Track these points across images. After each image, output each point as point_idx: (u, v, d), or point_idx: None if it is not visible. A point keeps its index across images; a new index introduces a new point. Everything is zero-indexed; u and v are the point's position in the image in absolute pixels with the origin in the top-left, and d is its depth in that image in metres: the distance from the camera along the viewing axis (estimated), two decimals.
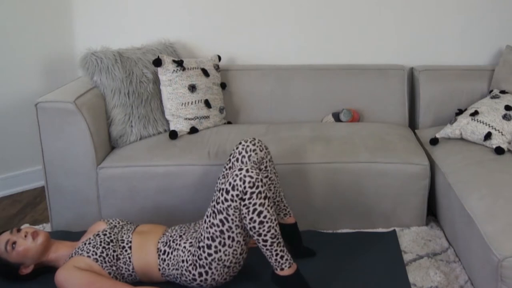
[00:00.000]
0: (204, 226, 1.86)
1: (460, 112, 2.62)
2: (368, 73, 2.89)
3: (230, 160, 2.09)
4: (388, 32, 2.97)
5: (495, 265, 1.68)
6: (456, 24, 2.93)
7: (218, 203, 1.80)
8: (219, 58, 2.86)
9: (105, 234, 2.00)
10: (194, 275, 1.90)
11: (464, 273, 2.05)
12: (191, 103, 2.62)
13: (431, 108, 2.81)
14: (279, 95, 2.88)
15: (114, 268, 1.92)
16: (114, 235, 2.01)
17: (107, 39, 2.99)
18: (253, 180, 1.75)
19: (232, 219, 1.79)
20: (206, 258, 1.86)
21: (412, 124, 2.95)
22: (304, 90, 2.88)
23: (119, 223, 2.12)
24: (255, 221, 1.77)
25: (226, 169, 2.09)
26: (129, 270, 1.95)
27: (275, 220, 1.79)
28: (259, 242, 1.81)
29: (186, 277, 1.92)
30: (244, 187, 1.74)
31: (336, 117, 2.82)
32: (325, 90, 2.88)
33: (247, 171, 1.76)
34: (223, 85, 2.86)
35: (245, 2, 2.95)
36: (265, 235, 1.78)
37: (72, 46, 3.05)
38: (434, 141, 2.50)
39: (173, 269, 1.93)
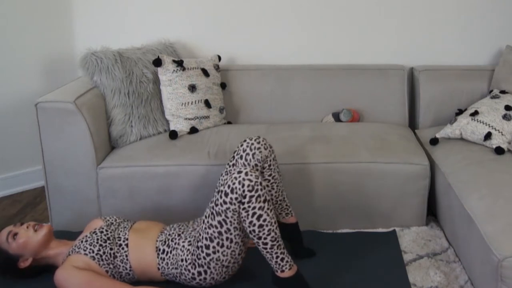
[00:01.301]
0: (202, 226, 1.86)
1: (460, 112, 2.62)
2: (368, 73, 2.89)
3: (234, 157, 2.08)
4: (388, 32, 2.97)
5: (495, 265, 1.68)
6: (456, 24, 2.93)
7: (217, 205, 1.79)
8: (219, 58, 2.86)
9: (101, 232, 2.00)
10: (193, 274, 1.90)
11: (464, 273, 2.04)
12: (191, 103, 2.62)
13: (431, 108, 2.81)
14: (279, 95, 2.88)
15: (111, 266, 1.92)
16: (111, 232, 2.01)
17: (107, 39, 2.99)
18: (252, 183, 1.74)
19: (230, 221, 1.78)
20: (204, 258, 1.86)
21: (412, 124, 2.95)
22: (304, 90, 2.88)
23: (116, 220, 2.12)
24: (254, 225, 1.76)
25: (230, 166, 2.08)
26: (126, 269, 1.95)
27: (275, 223, 1.79)
28: (259, 245, 1.80)
29: (186, 276, 1.92)
30: (243, 191, 1.73)
31: (336, 117, 2.81)
32: (325, 90, 2.88)
33: (246, 174, 1.75)
34: (223, 85, 2.86)
35: (245, 2, 2.95)
36: (265, 238, 1.78)
37: (72, 46, 3.05)
38: (434, 141, 2.50)
39: (173, 268, 1.93)
